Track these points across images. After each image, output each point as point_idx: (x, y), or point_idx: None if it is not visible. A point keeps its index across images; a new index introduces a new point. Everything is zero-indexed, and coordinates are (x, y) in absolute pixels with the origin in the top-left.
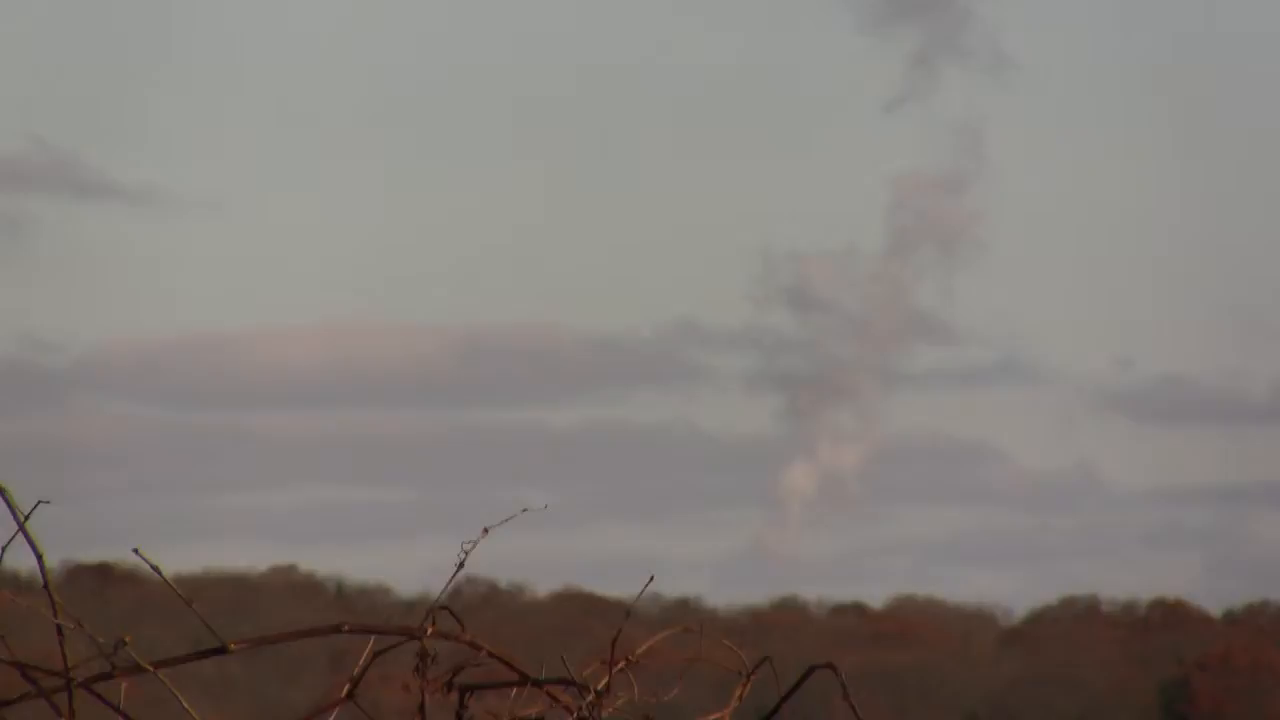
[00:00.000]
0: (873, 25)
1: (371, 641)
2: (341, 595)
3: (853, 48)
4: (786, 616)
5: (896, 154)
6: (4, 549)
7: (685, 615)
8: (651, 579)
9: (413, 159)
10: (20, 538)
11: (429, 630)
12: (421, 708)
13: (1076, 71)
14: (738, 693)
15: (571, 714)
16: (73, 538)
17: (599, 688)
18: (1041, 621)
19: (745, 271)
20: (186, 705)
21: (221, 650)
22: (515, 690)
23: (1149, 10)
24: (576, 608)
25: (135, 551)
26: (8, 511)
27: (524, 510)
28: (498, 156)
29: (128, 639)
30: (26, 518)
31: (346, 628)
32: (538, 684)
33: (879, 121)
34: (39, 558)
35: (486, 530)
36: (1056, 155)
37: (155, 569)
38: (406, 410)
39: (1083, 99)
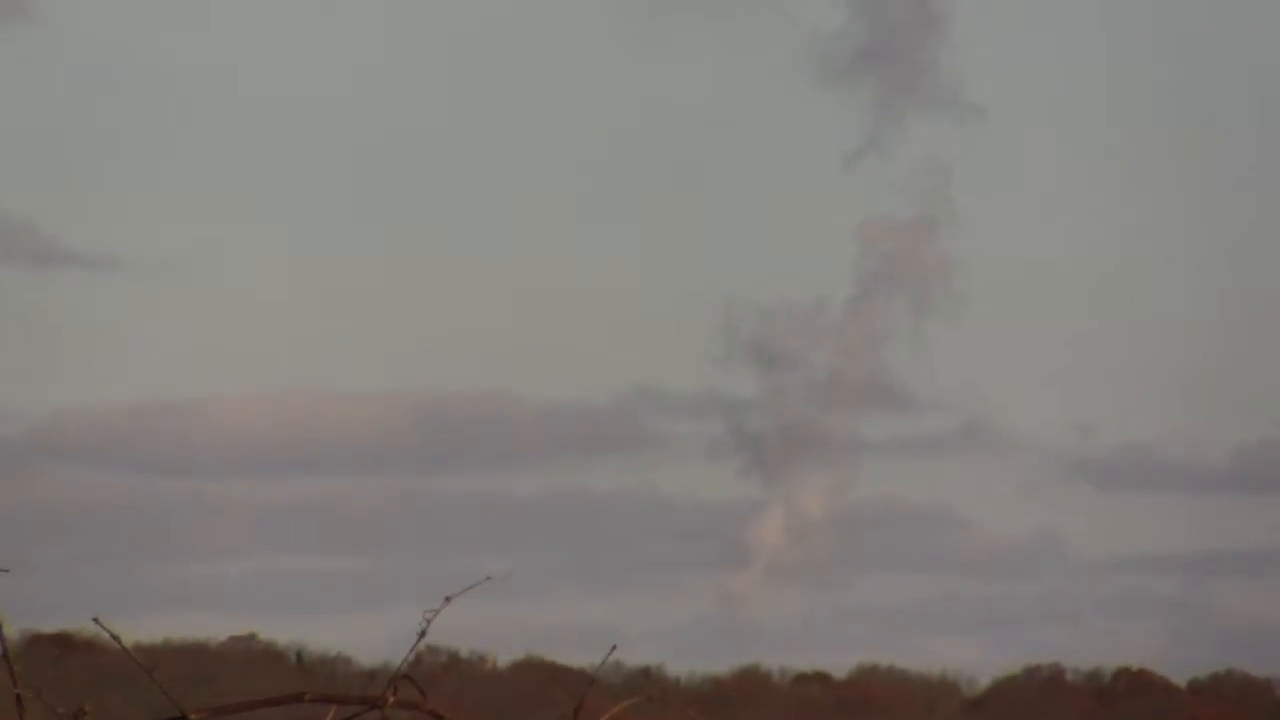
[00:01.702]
0: (835, 76)
1: (333, 711)
2: (302, 664)
3: (814, 99)
4: (749, 685)
5: (858, 206)
6: None
7: (647, 684)
8: (614, 648)
9: (368, 229)
10: None
11: (390, 699)
12: None
13: (1042, 143)
14: None
15: None
16: (32, 607)
17: None
18: (1005, 690)
19: (706, 332)
20: None
21: (182, 719)
22: None
23: (1114, 75)
24: (538, 677)
25: (95, 621)
26: None
27: (487, 578)
28: (450, 227)
29: (88, 709)
30: None
31: (308, 697)
32: None
33: (840, 174)
34: None
35: (449, 599)
36: (1018, 220)
37: (115, 638)
38: (366, 478)
39: (1044, 175)
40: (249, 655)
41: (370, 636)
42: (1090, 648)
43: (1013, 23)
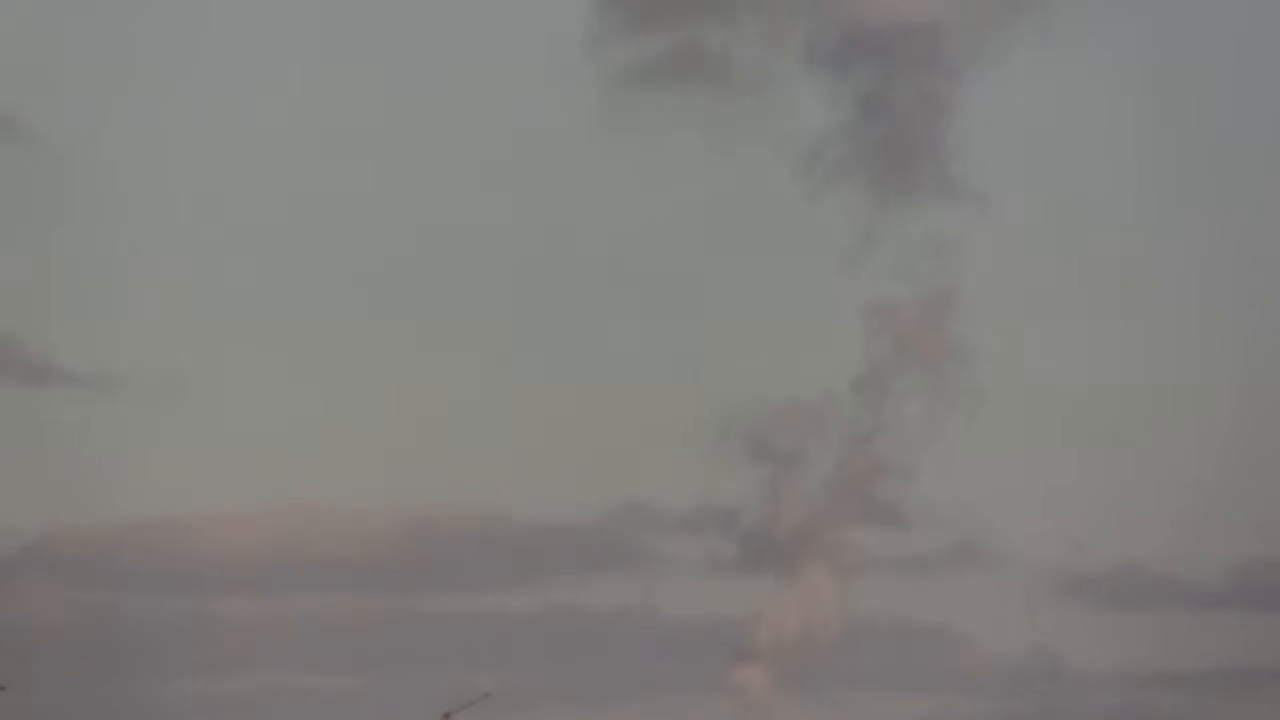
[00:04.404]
0: (829, 172)
1: None
2: None
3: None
4: None
5: (849, 308)
6: None
7: None
8: None
9: (362, 348)
10: None
11: None
12: None
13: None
14: None
15: None
16: None
17: None
18: None
19: (700, 443)
20: None
21: None
22: None
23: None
24: None
25: None
26: None
27: (486, 695)
28: (443, 344)
29: None
30: None
31: None
32: None
33: (833, 273)
34: None
35: (448, 715)
36: (1014, 338)
37: None
38: (363, 596)
39: (1042, 290)
40: None
41: None
42: None
43: (1015, 112)
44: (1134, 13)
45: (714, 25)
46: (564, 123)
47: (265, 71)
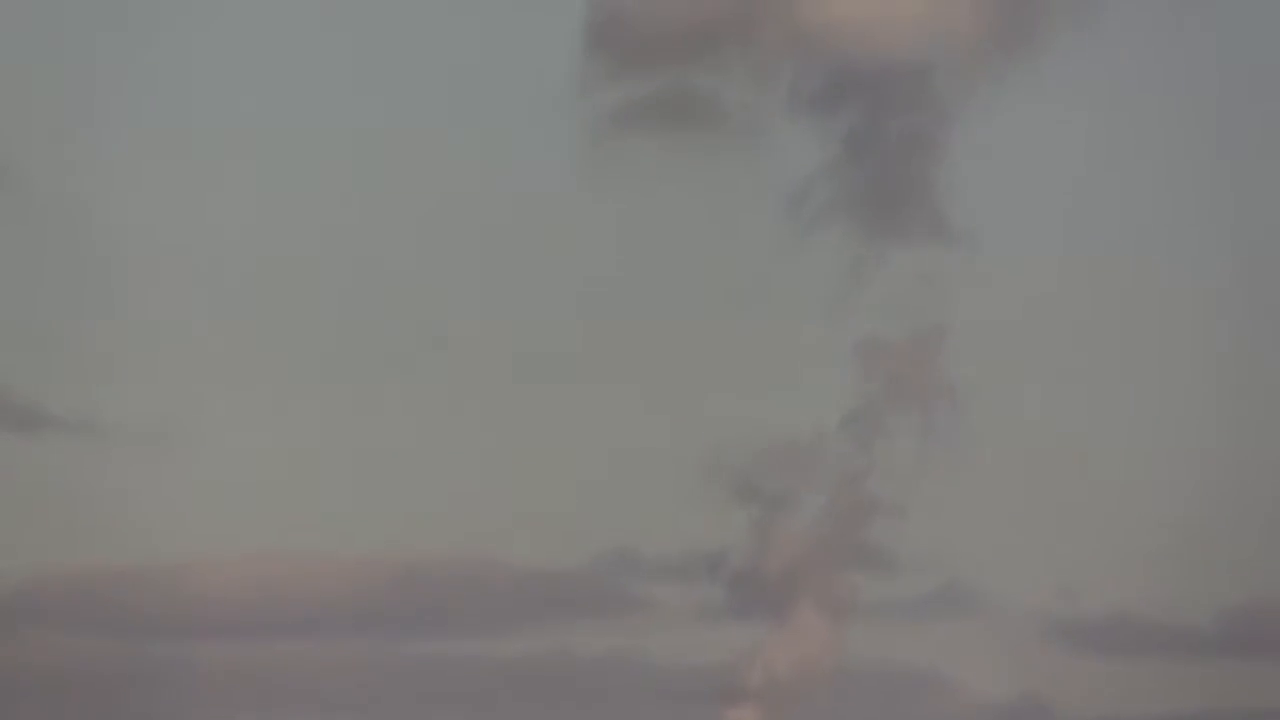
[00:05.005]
0: (818, 212)
1: None
2: None
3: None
4: None
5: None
6: None
7: None
8: None
9: (348, 394)
10: None
11: None
12: None
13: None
14: None
15: None
16: None
17: None
18: None
19: (688, 488)
20: None
21: None
22: None
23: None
24: None
25: None
26: None
27: None
28: (429, 389)
29: None
30: None
31: None
32: None
33: (822, 314)
34: None
35: None
36: (1001, 381)
37: None
38: (346, 642)
39: (1032, 332)
40: None
41: None
42: None
43: (1006, 151)
44: (1124, 53)
45: (702, 69)
46: (549, 167)
47: (249, 126)
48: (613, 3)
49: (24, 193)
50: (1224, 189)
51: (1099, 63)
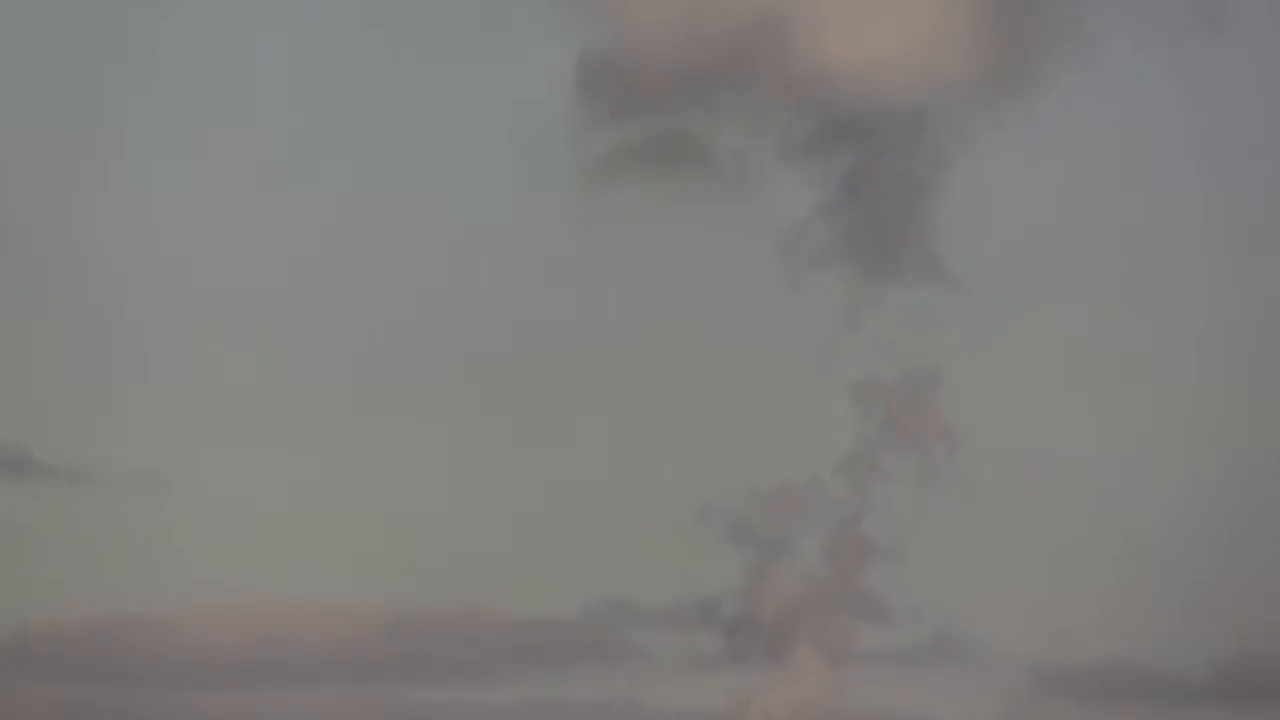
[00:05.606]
0: (812, 255)
1: None
2: None
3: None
4: None
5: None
6: None
7: None
8: None
9: (340, 442)
10: None
11: None
12: None
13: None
14: None
15: None
16: None
17: None
18: None
19: (681, 535)
20: None
21: None
22: None
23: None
24: None
25: None
26: None
27: None
28: (421, 437)
29: None
30: None
31: None
32: None
33: (817, 357)
34: None
35: None
36: (994, 427)
37: None
38: (340, 690)
39: (1025, 381)
40: None
41: None
42: None
43: (1001, 193)
44: (1122, 94)
45: (696, 113)
46: (543, 212)
47: (240, 173)
48: (606, 47)
49: (14, 238)
50: (1225, 231)
51: (1096, 104)
